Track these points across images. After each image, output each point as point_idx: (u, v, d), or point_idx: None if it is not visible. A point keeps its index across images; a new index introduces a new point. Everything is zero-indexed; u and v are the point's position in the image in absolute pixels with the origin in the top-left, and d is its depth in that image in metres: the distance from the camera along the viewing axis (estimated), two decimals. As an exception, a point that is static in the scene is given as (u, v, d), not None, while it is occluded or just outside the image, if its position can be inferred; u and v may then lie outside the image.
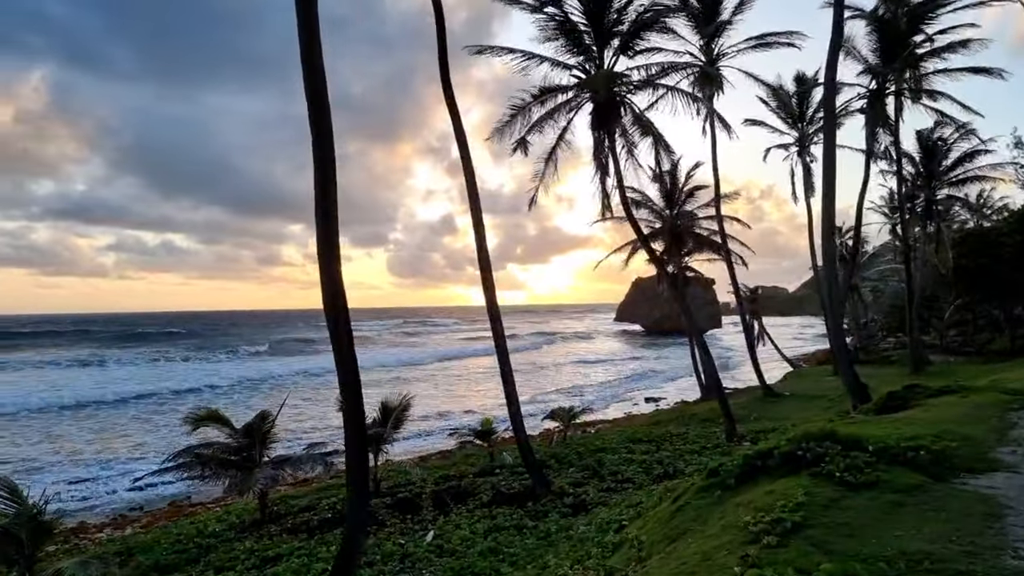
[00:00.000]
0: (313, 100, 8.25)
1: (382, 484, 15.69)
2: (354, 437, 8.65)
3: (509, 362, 14.87)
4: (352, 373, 8.62)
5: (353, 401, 8.66)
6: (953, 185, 37.01)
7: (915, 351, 33.48)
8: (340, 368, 8.61)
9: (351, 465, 8.75)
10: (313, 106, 8.26)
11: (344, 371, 8.60)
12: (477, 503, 13.88)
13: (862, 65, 28.53)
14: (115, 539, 14.61)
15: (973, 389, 11.55)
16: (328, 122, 8.38)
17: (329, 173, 8.37)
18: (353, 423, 8.64)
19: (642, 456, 16.91)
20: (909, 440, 7.33)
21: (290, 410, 29.18)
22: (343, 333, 8.52)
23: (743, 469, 7.17)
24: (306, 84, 8.22)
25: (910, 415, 9.68)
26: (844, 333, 17.92)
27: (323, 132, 8.33)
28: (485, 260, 15.10)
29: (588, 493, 13.63)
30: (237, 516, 14.74)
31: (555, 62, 18.40)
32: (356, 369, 8.67)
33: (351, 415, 8.66)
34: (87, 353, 65.90)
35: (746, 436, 18.62)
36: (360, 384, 8.76)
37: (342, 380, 8.64)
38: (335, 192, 8.45)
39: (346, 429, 8.67)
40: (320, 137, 8.31)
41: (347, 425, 8.66)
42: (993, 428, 8.57)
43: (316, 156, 8.31)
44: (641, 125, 18.75)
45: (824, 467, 6.33)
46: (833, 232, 17.02)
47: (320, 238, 8.42)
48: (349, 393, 8.65)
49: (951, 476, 6.48)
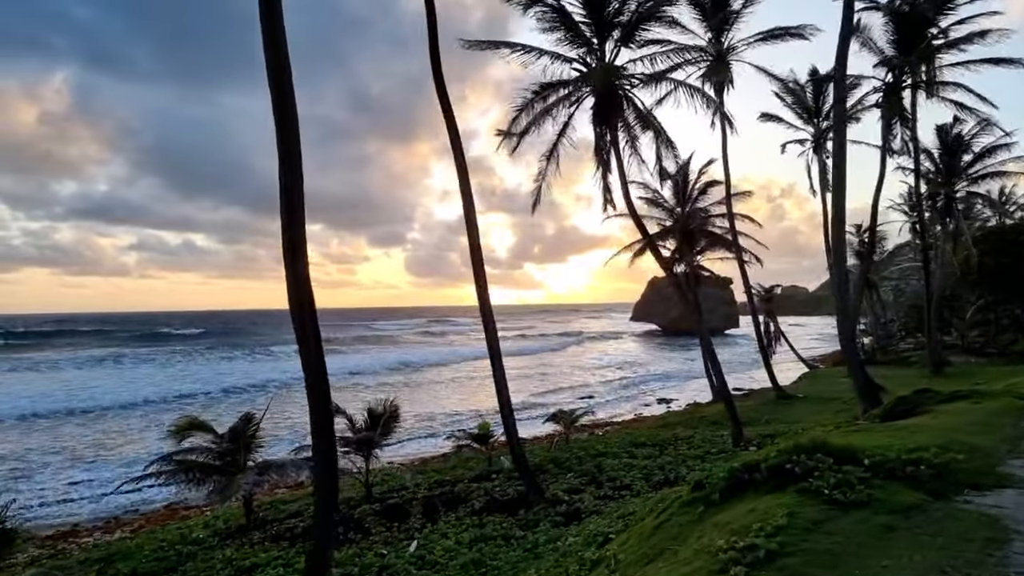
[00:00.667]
0: (277, 85, 7.79)
1: (374, 489, 15.26)
2: (323, 447, 8.21)
3: (502, 364, 14.39)
4: (320, 378, 8.16)
5: (322, 408, 8.21)
6: (974, 181, 35.95)
7: (934, 352, 32.58)
8: (308, 373, 8.15)
9: (319, 477, 8.30)
10: (277, 92, 7.80)
11: (312, 376, 8.15)
12: (468, 510, 13.42)
13: (878, 57, 27.75)
14: (101, 544, 14.32)
15: (987, 394, 10.90)
16: (293, 111, 7.92)
17: (294, 166, 7.91)
18: (322, 432, 8.20)
19: (644, 461, 16.37)
20: (910, 452, 6.76)
21: (300, 411, 29.01)
22: (311, 336, 8.07)
23: (729, 483, 6.62)
24: (268, 66, 7.75)
25: (917, 422, 9.08)
26: (856, 333, 17.20)
27: (287, 121, 7.88)
28: (478, 258, 14.59)
29: (583, 501, 13.12)
30: (224, 522, 14.39)
31: (555, 55, 17.90)
32: (325, 374, 8.21)
33: (320, 423, 8.21)
34: (138, 351, 67.09)
35: (753, 440, 18.00)
36: (329, 390, 8.31)
37: (310, 385, 8.17)
38: (301, 186, 8.00)
39: (314, 438, 8.23)
40: (284, 127, 7.86)
41: (315, 434, 8.22)
42: (1005, 438, 7.95)
43: (280, 148, 7.85)
44: (642, 119, 18.18)
45: (812, 483, 5.77)
46: (843, 227, 16.36)
47: (286, 235, 7.98)
48: (317, 400, 8.19)
49: (953, 493, 5.89)
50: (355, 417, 15.62)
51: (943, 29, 26.53)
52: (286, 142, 7.83)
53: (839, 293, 16.49)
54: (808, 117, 33.61)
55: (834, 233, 16.36)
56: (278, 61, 7.70)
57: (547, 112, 17.99)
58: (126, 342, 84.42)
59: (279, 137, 7.80)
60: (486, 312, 14.50)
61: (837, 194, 16.30)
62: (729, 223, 29.79)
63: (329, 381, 8.33)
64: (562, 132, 18.77)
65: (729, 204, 29.49)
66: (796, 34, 26.06)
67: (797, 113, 34.03)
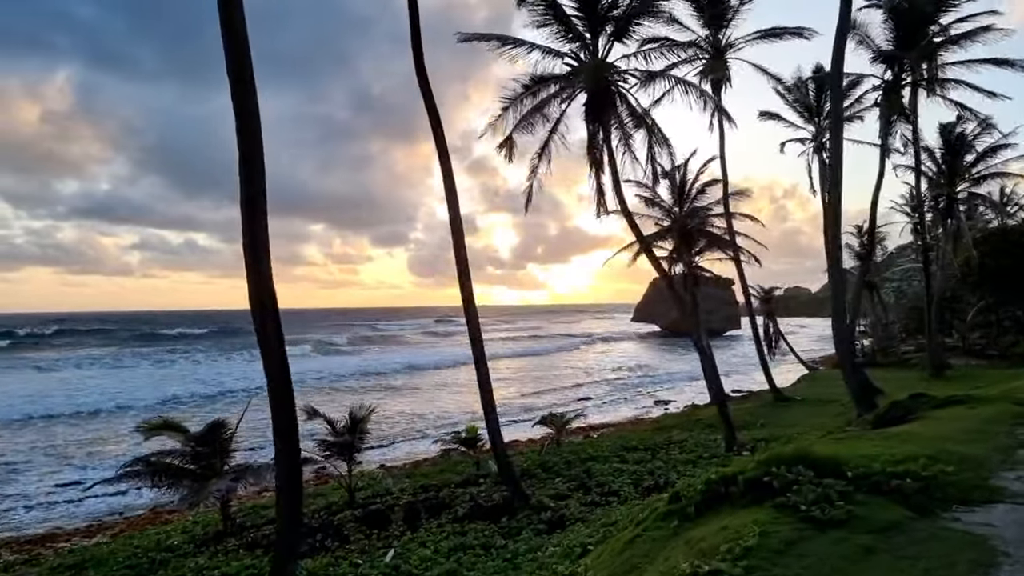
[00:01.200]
0: (235, 72, 7.43)
1: (358, 494, 14.93)
2: (286, 455, 7.86)
3: (487, 367, 14.00)
4: (283, 383, 7.81)
5: (284, 414, 7.86)
6: (976, 182, 35.48)
7: (934, 354, 32.17)
8: (270, 377, 7.80)
9: (283, 488, 7.95)
10: (235, 80, 7.44)
11: (275, 381, 7.80)
12: (451, 516, 13.08)
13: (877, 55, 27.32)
14: (77, 549, 14.01)
15: (983, 399, 10.51)
16: (253, 101, 7.57)
17: (255, 160, 7.57)
18: (285, 439, 7.84)
19: (634, 466, 16.02)
20: (897, 463, 6.40)
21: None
22: (272, 337, 7.73)
23: (705, 496, 6.27)
24: (226, 51, 7.38)
25: (909, 429, 8.71)
26: (851, 335, 16.81)
27: (247, 112, 7.54)
28: (462, 258, 14.21)
29: (569, 507, 12.77)
30: (203, 527, 14.09)
31: (547, 50, 17.54)
32: (288, 378, 7.86)
33: (283, 430, 7.85)
34: (138, 352, 66.76)
35: (747, 445, 17.65)
36: (292, 395, 7.95)
37: (273, 389, 7.81)
38: (262, 179, 7.64)
39: (277, 445, 7.87)
40: (244, 118, 7.52)
41: (278, 441, 7.86)
42: (999, 447, 7.58)
43: (241, 140, 7.51)
44: (635, 116, 17.82)
45: (790, 498, 5.41)
46: (839, 226, 15.99)
47: (246, 230, 7.64)
48: (280, 404, 7.84)
49: (941, 509, 5.53)
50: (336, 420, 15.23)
51: (944, 26, 26.14)
52: (247, 134, 7.50)
53: (835, 294, 16.13)
54: (809, 116, 33.18)
55: (830, 233, 16.00)
56: (236, 46, 7.35)
57: (538, 109, 17.63)
58: (126, 342, 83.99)
59: (239, 129, 7.47)
60: (471, 316, 14.12)
61: (833, 192, 15.95)
62: (727, 223, 29.41)
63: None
64: (553, 129, 18.41)
65: (726, 203, 29.12)
66: (795, 33, 25.72)
67: (798, 112, 33.60)
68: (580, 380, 47.23)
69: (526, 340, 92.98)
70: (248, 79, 7.45)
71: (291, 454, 7.86)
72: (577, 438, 24.50)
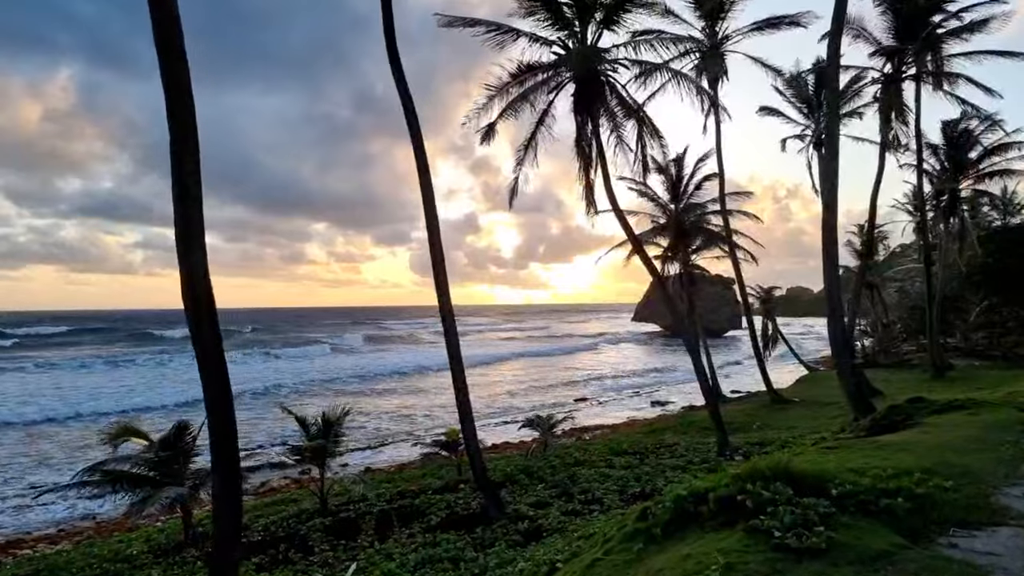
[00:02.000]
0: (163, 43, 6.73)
1: (333, 501, 14.26)
2: (224, 469, 7.17)
3: (462, 367, 13.27)
4: (222, 388, 7.13)
5: (223, 424, 7.17)
6: (980, 179, 34.72)
7: (935, 355, 31.46)
8: (207, 382, 7.13)
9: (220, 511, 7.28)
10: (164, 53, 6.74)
11: (212, 386, 7.12)
12: (425, 525, 12.41)
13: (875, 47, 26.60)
14: (36, 557, 13.43)
15: (985, 404, 9.83)
16: (185, 76, 6.89)
17: (188, 140, 6.88)
18: (223, 452, 7.15)
19: (621, 472, 15.33)
20: (889, 478, 5.75)
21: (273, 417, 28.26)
22: (209, 338, 7.06)
23: (673, 515, 5.61)
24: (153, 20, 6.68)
25: (905, 438, 8.04)
26: (845, 335, 16.12)
27: (179, 88, 6.85)
28: (439, 255, 13.51)
29: (549, 517, 12.07)
30: (167, 536, 13.47)
31: (534, 37, 16.83)
32: (226, 384, 7.18)
33: (221, 441, 7.16)
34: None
35: (740, 449, 16.99)
36: (231, 401, 7.28)
37: (210, 397, 7.14)
38: (196, 165, 6.96)
39: (213, 456, 7.21)
40: (175, 95, 6.84)
41: (215, 451, 7.18)
42: (1002, 458, 6.91)
43: (172, 121, 6.84)
44: (625, 106, 17.15)
45: (764, 521, 4.74)
46: (835, 222, 15.29)
47: (178, 221, 6.98)
48: (218, 414, 7.15)
49: (936, 533, 4.88)
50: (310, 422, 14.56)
51: (946, 16, 25.41)
52: (178, 111, 6.83)
53: (830, 292, 15.44)
54: (809, 111, 32.35)
55: (826, 229, 15.30)
56: (164, 12, 6.67)
57: (524, 98, 16.94)
58: (126, 343, 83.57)
59: (169, 109, 6.79)
60: (446, 317, 13.41)
61: (829, 186, 15.26)
62: (723, 219, 28.77)
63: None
64: (541, 121, 17.72)
65: (723, 200, 28.49)
66: (793, 22, 25.02)
67: (797, 107, 32.79)
68: (578, 380, 46.75)
69: (526, 340, 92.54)
70: (178, 49, 6.76)
71: (230, 468, 7.19)
72: (570, 439, 23.89)
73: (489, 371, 51.47)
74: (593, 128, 17.30)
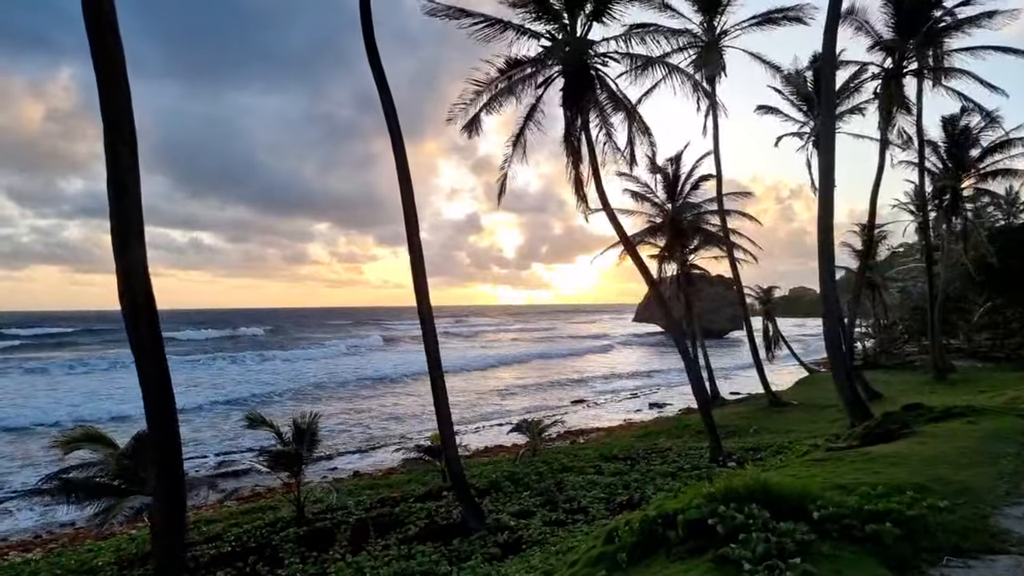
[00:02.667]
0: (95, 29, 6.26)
1: (307, 509, 13.73)
2: (166, 482, 6.70)
3: (441, 370, 12.74)
4: (162, 394, 6.66)
5: (165, 431, 6.70)
6: (983, 178, 34.08)
7: (937, 356, 30.89)
8: (146, 387, 6.65)
9: (163, 527, 6.80)
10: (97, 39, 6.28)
11: (152, 392, 6.65)
12: (402, 536, 11.89)
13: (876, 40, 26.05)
14: (4, 567, 12.97)
15: (986, 412, 9.30)
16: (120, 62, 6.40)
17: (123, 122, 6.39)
18: (165, 463, 6.68)
19: (610, 478, 14.80)
20: (878, 498, 5.23)
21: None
22: (147, 340, 6.58)
23: (640, 539, 5.10)
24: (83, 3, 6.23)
25: (899, 449, 7.52)
26: (838, 336, 15.58)
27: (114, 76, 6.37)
28: (418, 259, 12.99)
29: (530, 527, 11.57)
30: (138, 546, 12.99)
31: (521, 29, 16.31)
32: (168, 388, 6.70)
33: (163, 451, 6.70)
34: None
35: (733, 455, 16.45)
36: (174, 405, 6.80)
37: (149, 403, 6.66)
38: (134, 157, 6.48)
39: (155, 467, 6.73)
40: (110, 83, 6.35)
41: (157, 462, 6.71)
42: (1003, 473, 6.38)
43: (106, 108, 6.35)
44: (614, 101, 16.64)
45: (735, 550, 4.23)
46: (831, 218, 14.77)
47: (113, 210, 6.48)
48: (159, 421, 6.69)
49: (927, 564, 4.36)
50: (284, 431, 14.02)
51: (948, 10, 24.85)
52: (112, 96, 6.34)
53: (825, 292, 14.93)
54: (808, 109, 31.75)
55: (821, 224, 14.79)
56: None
57: (510, 92, 16.44)
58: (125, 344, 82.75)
59: (102, 91, 6.30)
60: (424, 318, 12.88)
61: (825, 181, 14.74)
62: (720, 219, 28.26)
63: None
64: (529, 116, 17.26)
65: (720, 199, 27.99)
66: (794, 17, 24.49)
67: (796, 105, 32.18)
68: (576, 381, 46.47)
69: (526, 341, 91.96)
70: (110, 22, 6.27)
71: (171, 474, 6.72)
72: (565, 443, 23.41)
73: (487, 373, 50.93)
74: (583, 123, 16.81)
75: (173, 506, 6.76)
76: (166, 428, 6.67)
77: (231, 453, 24.08)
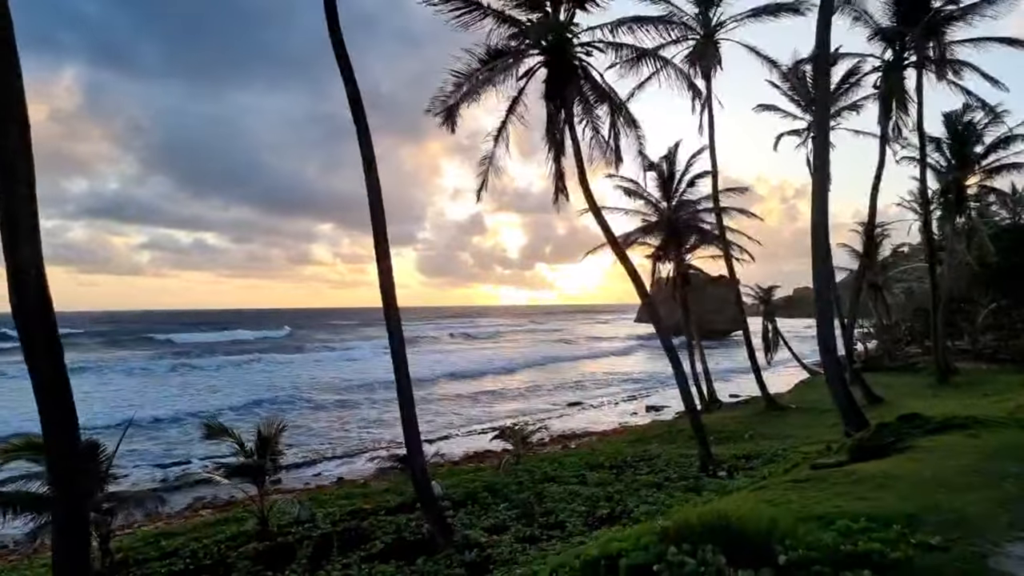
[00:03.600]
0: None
1: (272, 522, 13.01)
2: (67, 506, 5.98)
3: (407, 372, 11.99)
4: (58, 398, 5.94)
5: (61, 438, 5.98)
6: (988, 174, 33.18)
7: (940, 358, 30.09)
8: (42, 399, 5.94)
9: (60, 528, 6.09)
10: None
11: (51, 401, 5.94)
12: (366, 552, 11.16)
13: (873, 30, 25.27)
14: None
15: (987, 424, 8.53)
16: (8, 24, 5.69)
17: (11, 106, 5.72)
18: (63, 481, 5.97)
19: (593, 489, 14.06)
20: (859, 533, 4.50)
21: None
22: (43, 347, 5.87)
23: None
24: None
25: (890, 469, 6.76)
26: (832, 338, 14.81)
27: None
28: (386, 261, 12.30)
29: (501, 544, 10.84)
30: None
31: (501, 17, 15.59)
32: (65, 390, 5.99)
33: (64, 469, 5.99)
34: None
35: (725, 463, 15.73)
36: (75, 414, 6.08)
37: (46, 417, 5.95)
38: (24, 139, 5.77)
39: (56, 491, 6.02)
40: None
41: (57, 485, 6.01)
42: (1006, 499, 5.60)
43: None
44: (598, 91, 15.93)
45: (679, 606, 3.50)
46: (826, 215, 14.05)
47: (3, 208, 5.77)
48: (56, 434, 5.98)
49: (913, 623, 3.64)
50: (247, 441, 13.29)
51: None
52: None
53: (819, 292, 14.21)
54: (807, 105, 30.92)
55: (815, 221, 14.05)
56: None
57: (490, 82, 15.72)
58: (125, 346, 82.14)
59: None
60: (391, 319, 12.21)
61: (819, 176, 14.01)
62: (716, 217, 27.54)
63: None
64: (510, 109, 16.63)
65: (716, 197, 27.28)
66: (792, 8, 23.76)
67: (795, 101, 31.35)
68: (575, 382, 46.09)
69: (525, 341, 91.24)
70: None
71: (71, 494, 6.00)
72: (556, 448, 22.72)
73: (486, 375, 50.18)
74: (566, 115, 16.11)
75: (74, 521, 6.04)
76: (67, 433, 5.96)
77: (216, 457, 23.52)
